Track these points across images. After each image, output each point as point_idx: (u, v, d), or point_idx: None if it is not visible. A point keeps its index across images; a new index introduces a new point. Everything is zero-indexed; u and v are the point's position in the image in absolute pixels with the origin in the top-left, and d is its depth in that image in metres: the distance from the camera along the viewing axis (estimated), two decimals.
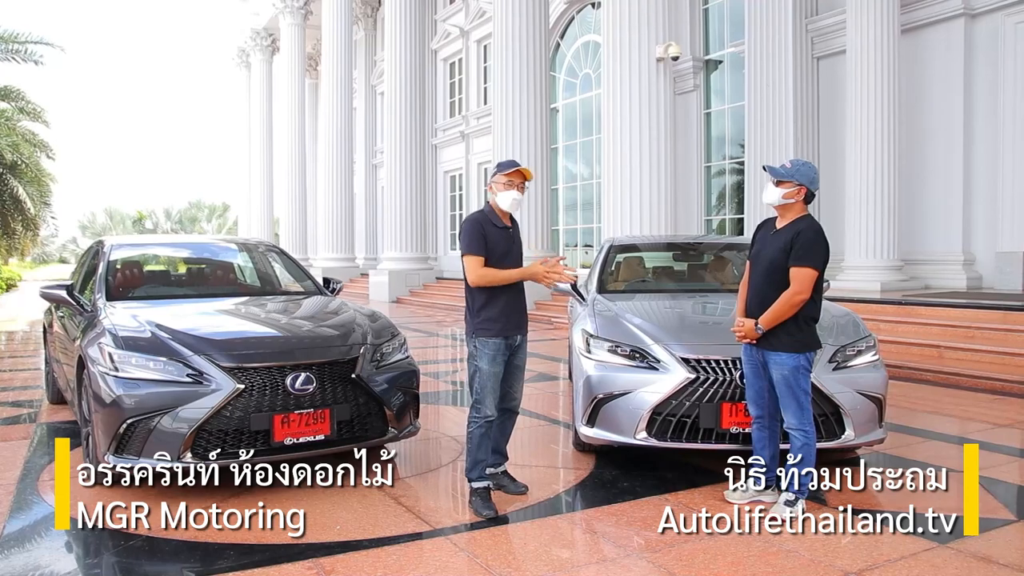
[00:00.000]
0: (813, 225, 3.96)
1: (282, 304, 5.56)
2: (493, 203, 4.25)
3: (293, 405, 4.25)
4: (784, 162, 4.09)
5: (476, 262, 4.12)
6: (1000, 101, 11.55)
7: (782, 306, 3.86)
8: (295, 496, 4.29)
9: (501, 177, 4.20)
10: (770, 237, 4.07)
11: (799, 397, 3.92)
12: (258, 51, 33.73)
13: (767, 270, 3.99)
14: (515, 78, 15.31)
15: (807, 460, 3.95)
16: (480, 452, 4.16)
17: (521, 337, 4.27)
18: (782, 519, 3.80)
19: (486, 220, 4.21)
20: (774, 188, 4.00)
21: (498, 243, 4.16)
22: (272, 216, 33.87)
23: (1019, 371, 7.68)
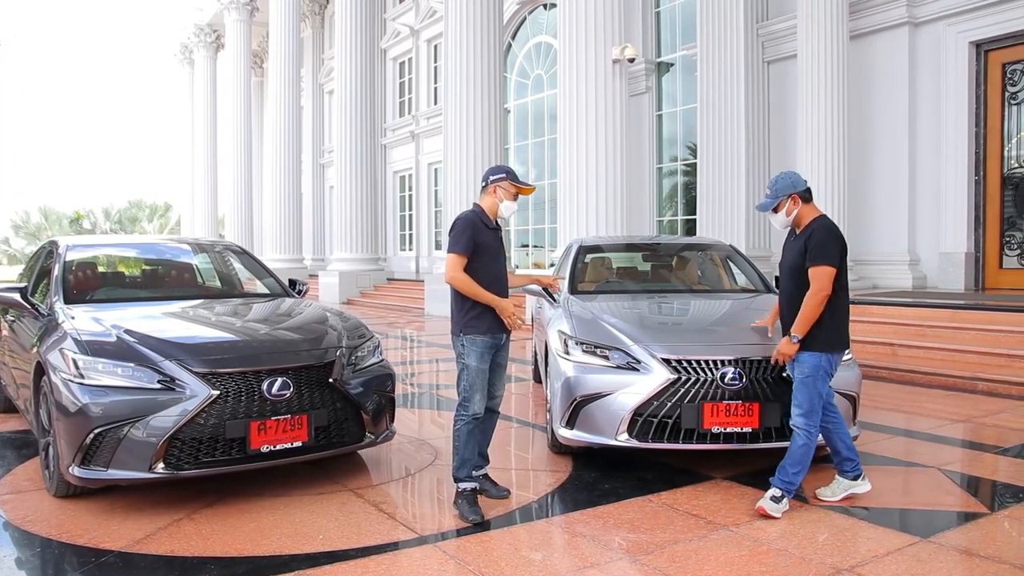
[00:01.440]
0: (824, 224, 4.09)
1: (251, 306, 5.41)
2: (489, 206, 4.25)
3: (270, 411, 4.13)
4: (764, 192, 4.26)
5: (458, 261, 4.11)
6: (943, 107, 11.89)
7: (807, 308, 3.96)
8: (273, 505, 4.19)
9: (511, 187, 4.22)
10: (790, 244, 4.24)
11: (812, 399, 3.98)
12: (202, 47, 32.96)
13: (790, 276, 4.15)
14: (467, 78, 15.22)
15: (802, 460, 4.00)
16: (467, 451, 4.12)
17: (506, 336, 4.26)
18: (770, 514, 3.88)
19: (478, 221, 4.20)
20: (776, 216, 4.19)
21: (488, 244, 4.18)
22: (217, 216, 33.12)
23: (969, 367, 7.91)
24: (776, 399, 4.38)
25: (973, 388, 7.52)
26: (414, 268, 24.91)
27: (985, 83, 11.65)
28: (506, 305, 4.09)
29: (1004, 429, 5.95)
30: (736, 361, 4.42)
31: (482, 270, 4.13)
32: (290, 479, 4.61)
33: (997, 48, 11.52)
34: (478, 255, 4.13)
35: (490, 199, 4.24)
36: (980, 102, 11.68)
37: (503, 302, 4.09)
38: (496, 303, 4.08)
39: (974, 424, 6.16)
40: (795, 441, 4.04)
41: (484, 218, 4.21)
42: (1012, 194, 11.41)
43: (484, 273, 4.12)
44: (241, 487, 4.44)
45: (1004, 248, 11.52)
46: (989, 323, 8.72)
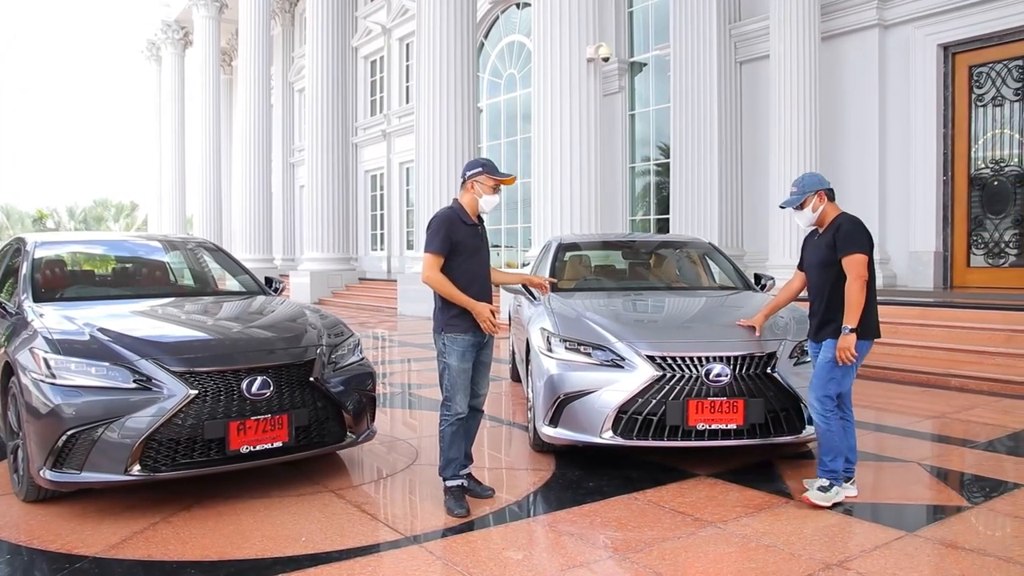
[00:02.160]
0: (850, 218, 4.15)
1: (228, 304, 5.31)
2: (468, 202, 4.18)
3: (249, 411, 4.04)
4: (791, 189, 4.27)
5: (434, 261, 4.06)
6: (912, 108, 12.04)
7: (852, 296, 3.96)
8: (253, 507, 4.10)
9: (489, 180, 4.15)
10: (816, 243, 4.26)
11: (827, 384, 4.02)
12: (169, 44, 32.45)
13: (820, 272, 4.17)
14: (440, 77, 15.12)
15: (831, 446, 4.04)
16: (453, 450, 4.08)
17: (489, 335, 4.20)
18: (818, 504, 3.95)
19: (456, 218, 4.14)
20: (801, 213, 4.22)
21: (468, 241, 4.11)
22: (185, 215, 32.65)
23: (941, 364, 8.01)
24: (761, 395, 4.39)
25: (946, 384, 7.62)
26: (386, 268, 24.76)
27: (953, 85, 11.82)
28: (481, 309, 4.00)
29: (978, 424, 6.02)
30: (721, 358, 4.42)
31: (460, 268, 4.07)
32: (270, 481, 4.52)
33: (964, 51, 11.69)
34: (456, 253, 4.06)
35: (469, 195, 4.18)
36: (948, 104, 11.85)
37: (479, 305, 4.00)
38: (471, 306, 4.00)
39: (949, 420, 6.23)
40: (817, 430, 4.09)
41: (462, 215, 4.15)
42: (979, 194, 11.59)
43: (462, 272, 4.07)
44: (220, 489, 4.34)
45: (972, 247, 11.69)
46: (959, 320, 8.83)
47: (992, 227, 11.44)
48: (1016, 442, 5.48)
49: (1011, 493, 4.25)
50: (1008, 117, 11.31)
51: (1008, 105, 11.29)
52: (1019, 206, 11.12)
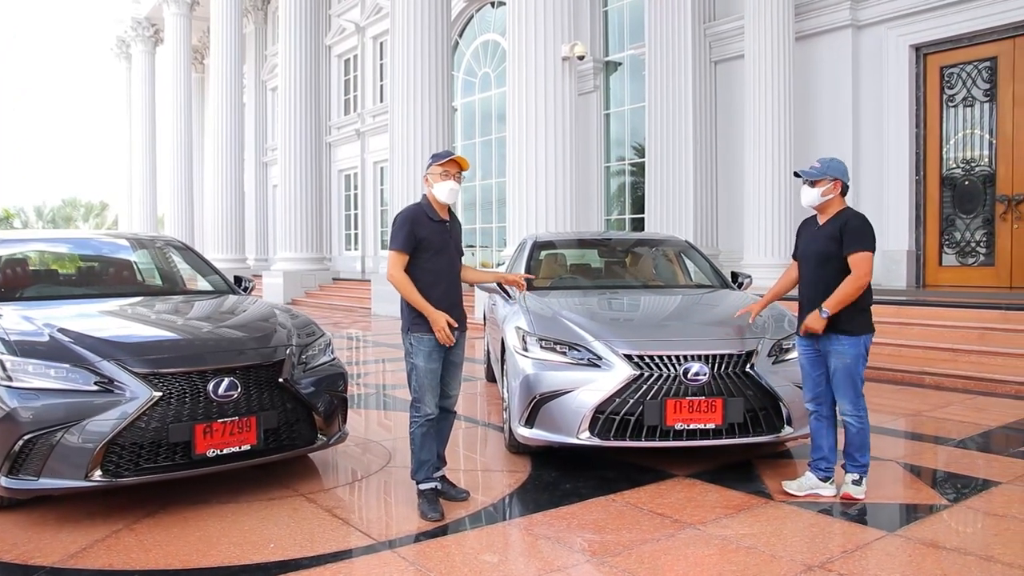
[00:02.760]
0: (858, 214, 4.10)
1: (195, 304, 5.17)
2: (430, 196, 4.10)
3: (216, 413, 3.91)
4: (812, 163, 4.18)
5: (397, 259, 3.98)
6: (884, 108, 12.10)
7: (848, 289, 3.94)
8: (220, 512, 3.98)
9: (436, 168, 4.04)
10: (815, 233, 4.18)
11: (856, 384, 4.04)
12: (139, 42, 31.97)
13: (818, 264, 4.11)
14: (414, 76, 14.98)
15: (864, 443, 4.07)
16: (424, 452, 3.99)
17: (459, 333, 4.11)
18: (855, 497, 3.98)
19: (420, 214, 4.05)
20: (810, 189, 4.12)
21: (433, 238, 4.01)
22: (156, 215, 32.19)
23: (916, 362, 8.03)
24: (740, 394, 4.33)
25: (920, 382, 7.63)
26: (360, 268, 24.55)
27: (924, 86, 11.90)
28: (436, 318, 3.88)
29: (954, 422, 6.02)
30: (699, 356, 4.36)
31: (425, 266, 3.99)
32: (238, 485, 4.39)
33: (935, 52, 11.77)
34: (421, 250, 3.98)
35: (426, 189, 4.10)
36: (920, 104, 11.92)
37: (435, 314, 3.89)
38: (428, 313, 3.89)
39: (925, 417, 6.23)
40: (849, 430, 4.09)
41: (429, 211, 4.05)
42: (950, 194, 11.67)
43: (427, 270, 3.98)
44: (186, 494, 4.21)
45: (943, 246, 11.77)
46: (933, 319, 8.88)
47: (963, 227, 11.53)
48: (990, 440, 5.49)
49: (988, 491, 4.23)
50: (978, 118, 11.41)
51: (978, 106, 11.39)
52: (989, 206, 11.21)
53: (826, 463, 4.15)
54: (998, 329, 8.23)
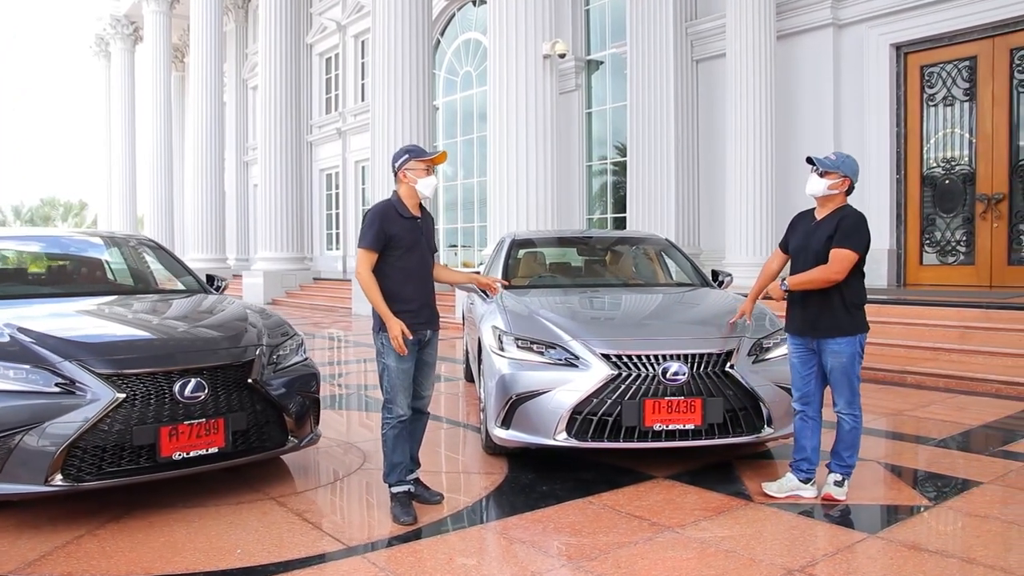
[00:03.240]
0: (856, 212, 4.04)
1: (164, 303, 5.04)
2: (404, 193, 3.99)
3: (182, 415, 3.80)
4: (828, 155, 4.11)
5: (365, 257, 3.88)
6: (865, 107, 12.10)
7: (815, 275, 3.93)
8: (187, 517, 3.86)
9: (418, 164, 3.94)
10: (812, 228, 4.11)
11: (852, 382, 4.00)
12: (119, 40, 31.58)
13: (815, 261, 4.03)
14: (395, 74, 14.87)
15: (854, 443, 4.04)
16: (396, 454, 3.89)
17: (431, 332, 4.02)
18: (837, 499, 3.94)
19: (391, 211, 3.94)
20: (819, 179, 4.05)
21: (404, 235, 3.91)
22: (136, 215, 31.82)
23: (897, 361, 8.01)
24: (719, 394, 4.26)
25: (902, 381, 7.61)
26: (341, 268, 24.37)
27: (905, 85, 11.91)
28: (392, 326, 3.77)
29: (936, 421, 5.99)
30: (678, 356, 4.28)
31: (396, 264, 3.89)
32: (207, 488, 4.28)
33: (916, 51, 11.79)
34: (392, 248, 3.87)
35: (404, 186, 3.98)
36: (900, 103, 11.94)
37: (391, 321, 3.77)
38: (386, 319, 3.79)
39: (906, 417, 6.19)
40: (842, 427, 4.04)
41: (400, 207, 3.95)
42: (931, 193, 11.69)
43: (397, 268, 3.88)
44: (152, 499, 4.09)
45: (924, 245, 11.79)
46: (914, 317, 8.87)
47: (944, 225, 11.55)
48: (971, 439, 5.45)
49: (969, 491, 4.18)
50: (958, 117, 11.43)
51: (958, 105, 11.41)
52: (969, 205, 11.24)
53: (808, 464, 4.09)
54: (979, 328, 8.23)
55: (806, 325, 4.06)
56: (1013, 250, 10.87)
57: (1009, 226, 10.86)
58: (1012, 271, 10.82)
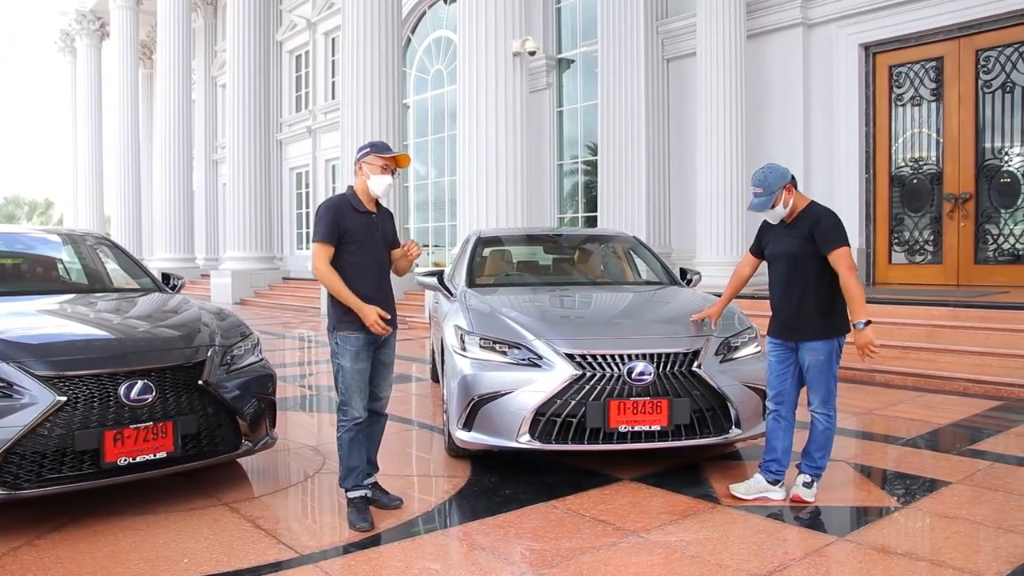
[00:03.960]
0: (826, 210, 4.02)
1: (114, 302, 4.85)
2: (359, 187, 3.87)
3: (128, 419, 3.64)
4: (754, 190, 4.02)
5: (322, 251, 3.76)
6: (835, 107, 12.12)
7: (852, 291, 3.86)
8: (134, 525, 3.70)
9: (377, 160, 3.82)
10: (783, 232, 4.05)
11: (829, 381, 3.97)
12: (85, 35, 30.98)
13: (790, 264, 3.99)
14: (365, 72, 14.69)
15: (826, 444, 3.98)
16: (352, 458, 3.76)
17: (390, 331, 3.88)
18: (805, 500, 3.87)
19: (346, 205, 3.82)
20: (773, 211, 4.00)
21: (358, 230, 3.79)
22: (103, 214, 31.26)
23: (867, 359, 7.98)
24: (686, 395, 4.16)
25: (871, 380, 7.59)
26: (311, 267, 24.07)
27: (873, 84, 11.95)
28: (368, 312, 3.67)
29: (904, 420, 5.96)
30: (644, 355, 4.18)
31: (351, 259, 3.77)
32: (158, 494, 4.12)
33: (884, 51, 11.82)
34: (347, 243, 3.76)
35: (360, 179, 3.87)
36: (869, 103, 11.97)
37: (365, 308, 3.67)
38: (357, 308, 3.68)
39: (875, 416, 6.16)
40: (815, 427, 3.98)
41: (354, 201, 3.84)
42: (899, 192, 11.74)
43: (352, 264, 3.77)
44: (100, 506, 3.92)
45: (893, 244, 11.84)
46: (882, 316, 8.85)
47: (912, 225, 11.60)
48: (939, 438, 5.42)
49: (938, 492, 4.13)
50: (926, 117, 11.48)
51: (926, 105, 11.47)
52: (936, 205, 11.29)
53: (777, 465, 4.01)
54: (947, 326, 8.24)
55: (789, 330, 4.00)
56: (980, 249, 10.94)
57: (976, 225, 10.93)
58: (979, 270, 10.89)
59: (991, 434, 5.47)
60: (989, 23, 10.66)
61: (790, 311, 3.98)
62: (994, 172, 10.78)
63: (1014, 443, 5.22)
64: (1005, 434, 5.46)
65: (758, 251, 4.25)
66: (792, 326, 3.98)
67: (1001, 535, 3.49)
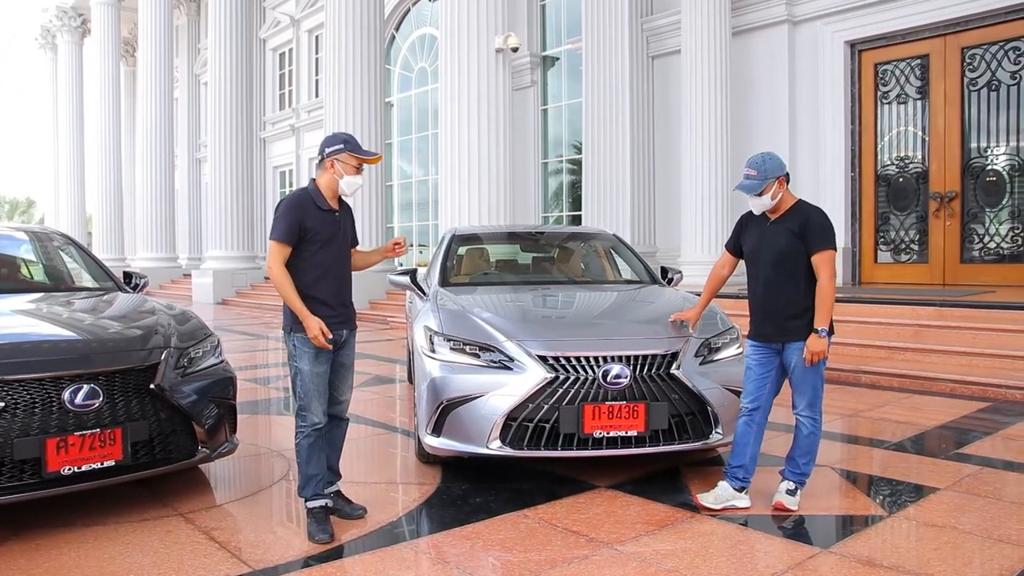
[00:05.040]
0: (819, 211, 3.84)
1: (67, 303, 4.61)
2: (325, 183, 3.66)
3: (73, 425, 3.43)
4: (746, 172, 3.82)
5: (278, 251, 3.53)
6: (820, 104, 12.00)
7: (825, 296, 3.69)
8: (80, 538, 3.49)
9: (351, 159, 3.62)
10: (768, 229, 3.86)
11: (816, 384, 3.79)
12: (66, 32, 30.57)
13: (776, 261, 3.79)
14: (348, 70, 14.50)
15: (810, 449, 3.82)
16: (312, 466, 3.55)
17: (348, 332, 3.70)
18: (788, 508, 3.71)
19: (307, 202, 3.60)
20: (759, 199, 3.80)
21: (320, 228, 3.58)
22: (84, 213, 30.87)
23: (852, 360, 7.86)
24: (664, 399, 3.98)
25: (856, 381, 7.45)
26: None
27: (859, 82, 11.84)
28: (311, 324, 3.44)
29: (891, 422, 5.81)
30: (620, 357, 4.00)
31: (312, 259, 3.56)
32: (111, 504, 3.91)
33: (870, 48, 11.72)
34: (308, 242, 3.55)
35: (327, 175, 3.66)
36: (855, 100, 11.86)
37: (310, 320, 3.45)
38: (302, 316, 3.46)
39: (861, 418, 6.01)
40: (800, 432, 3.81)
41: (317, 198, 3.63)
42: (885, 191, 11.63)
43: (312, 264, 3.56)
44: (46, 518, 3.71)
45: (878, 243, 11.73)
46: (868, 316, 8.75)
47: (897, 224, 11.49)
48: (927, 441, 5.27)
49: (926, 499, 3.98)
50: (911, 115, 11.39)
51: (911, 103, 11.37)
52: (922, 203, 11.19)
53: (744, 472, 3.83)
54: (933, 326, 8.11)
55: (775, 331, 3.82)
56: (965, 248, 10.84)
57: (961, 224, 10.83)
58: (965, 269, 10.79)
59: (979, 437, 5.33)
60: (975, 20, 10.57)
61: (777, 311, 3.79)
62: (980, 171, 10.69)
63: (1002, 446, 5.08)
64: (993, 437, 5.32)
65: (736, 249, 4.06)
66: (780, 327, 3.79)
67: (991, 545, 3.33)
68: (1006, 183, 10.49)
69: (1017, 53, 10.34)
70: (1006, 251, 10.48)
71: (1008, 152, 10.48)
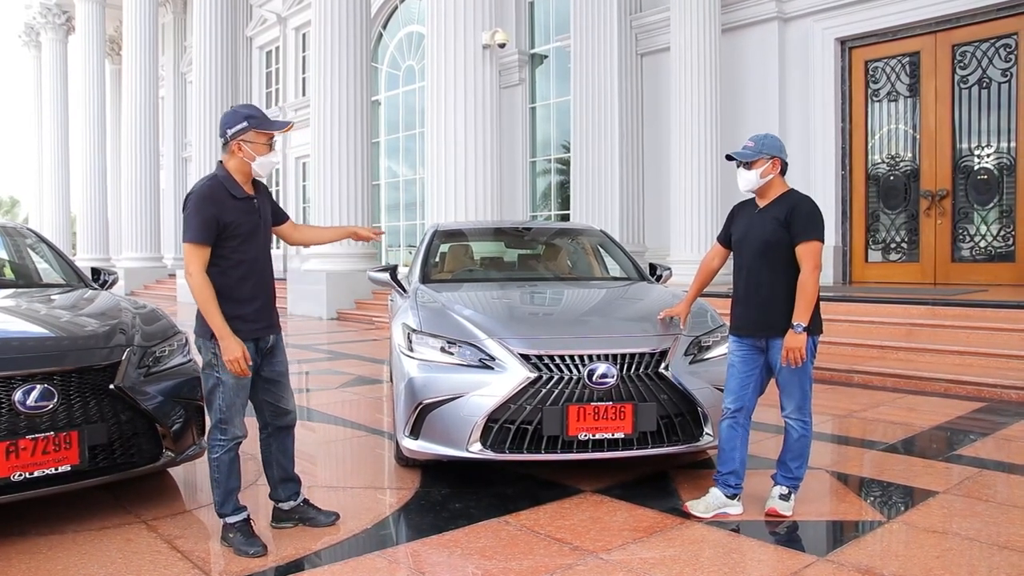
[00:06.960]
0: (808, 199, 3.65)
1: (27, 299, 4.41)
2: (236, 167, 3.26)
3: (24, 429, 3.22)
4: (746, 143, 3.67)
5: (195, 253, 3.14)
6: (811, 102, 11.89)
7: (807, 290, 3.47)
8: (33, 547, 3.29)
9: (259, 136, 3.23)
10: (756, 217, 3.68)
11: (804, 384, 3.59)
12: (50, 29, 30.19)
13: (761, 251, 3.61)
14: (335, 68, 14.28)
15: (802, 452, 3.65)
16: (233, 480, 3.31)
17: (275, 336, 3.44)
18: (782, 514, 3.54)
19: (220, 192, 3.20)
20: (747, 172, 3.63)
21: (240, 220, 3.22)
22: (69, 212, 30.49)
23: (844, 360, 7.71)
24: (652, 399, 3.81)
25: (849, 381, 7.31)
26: (282, 267, 23.57)
27: (850, 80, 11.73)
28: (233, 346, 3.11)
29: (885, 423, 5.65)
30: (606, 356, 3.82)
31: (233, 256, 3.21)
32: (71, 511, 3.71)
33: (860, 45, 11.61)
34: (227, 238, 3.18)
35: (236, 159, 3.24)
36: (845, 98, 11.76)
37: (231, 342, 3.11)
38: (220, 337, 3.12)
39: (856, 419, 5.85)
40: (790, 435, 3.64)
41: (231, 186, 3.22)
42: (875, 190, 11.52)
43: (236, 261, 3.22)
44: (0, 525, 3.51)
45: (869, 242, 11.61)
46: (860, 315, 8.61)
47: (888, 222, 11.38)
48: (923, 442, 5.12)
49: (925, 503, 3.81)
50: (902, 113, 11.28)
51: (902, 100, 11.26)
52: (913, 202, 11.08)
53: (736, 479, 3.66)
54: (925, 325, 7.98)
55: (758, 325, 3.63)
56: (957, 247, 10.74)
57: (952, 223, 10.72)
58: (956, 268, 10.68)
59: (976, 438, 5.18)
60: (966, 17, 10.47)
61: (759, 304, 3.60)
62: (971, 169, 10.58)
63: (1001, 448, 4.93)
64: (990, 438, 5.17)
65: (727, 240, 3.89)
66: (763, 321, 3.60)
67: (996, 552, 3.17)
68: (997, 181, 10.38)
69: (1008, 50, 10.24)
70: (998, 250, 10.37)
71: (999, 150, 10.36)
